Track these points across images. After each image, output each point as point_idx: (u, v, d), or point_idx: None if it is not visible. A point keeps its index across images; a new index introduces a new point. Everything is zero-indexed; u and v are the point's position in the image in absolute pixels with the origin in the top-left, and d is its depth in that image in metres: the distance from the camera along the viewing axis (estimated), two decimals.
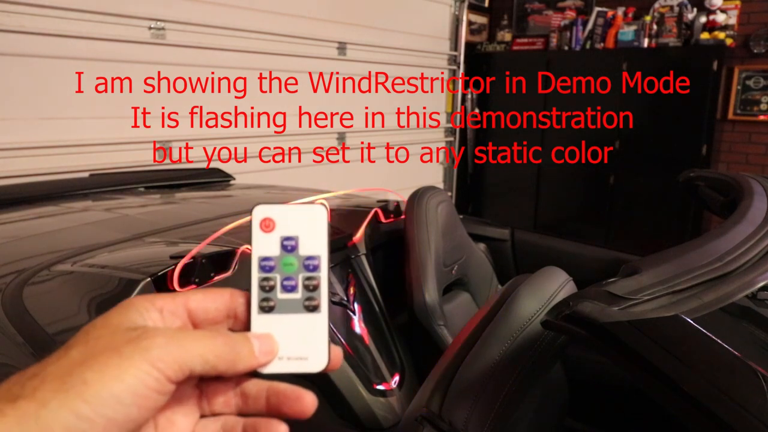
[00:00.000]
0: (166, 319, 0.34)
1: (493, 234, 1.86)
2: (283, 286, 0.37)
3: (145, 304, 0.34)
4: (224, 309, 0.36)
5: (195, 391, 0.36)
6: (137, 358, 0.30)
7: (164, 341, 0.31)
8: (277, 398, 0.35)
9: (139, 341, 0.30)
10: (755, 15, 3.89)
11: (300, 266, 0.37)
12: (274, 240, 0.37)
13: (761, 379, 0.55)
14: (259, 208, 0.37)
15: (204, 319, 0.36)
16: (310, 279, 0.37)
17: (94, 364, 0.29)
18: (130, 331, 0.31)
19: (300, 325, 0.37)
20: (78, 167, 2.25)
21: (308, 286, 0.37)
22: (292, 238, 0.37)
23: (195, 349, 0.32)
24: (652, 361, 0.58)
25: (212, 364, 0.32)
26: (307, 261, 0.37)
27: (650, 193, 4.10)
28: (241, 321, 0.37)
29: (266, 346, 0.35)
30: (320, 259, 0.37)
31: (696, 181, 1.56)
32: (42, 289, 0.98)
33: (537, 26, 4.62)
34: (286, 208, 0.38)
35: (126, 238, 1.23)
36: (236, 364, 0.33)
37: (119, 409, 0.29)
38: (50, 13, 2.16)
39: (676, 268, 0.76)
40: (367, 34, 3.61)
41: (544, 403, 1.07)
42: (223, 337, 0.34)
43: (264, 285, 0.37)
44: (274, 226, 0.37)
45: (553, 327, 0.66)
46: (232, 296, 0.37)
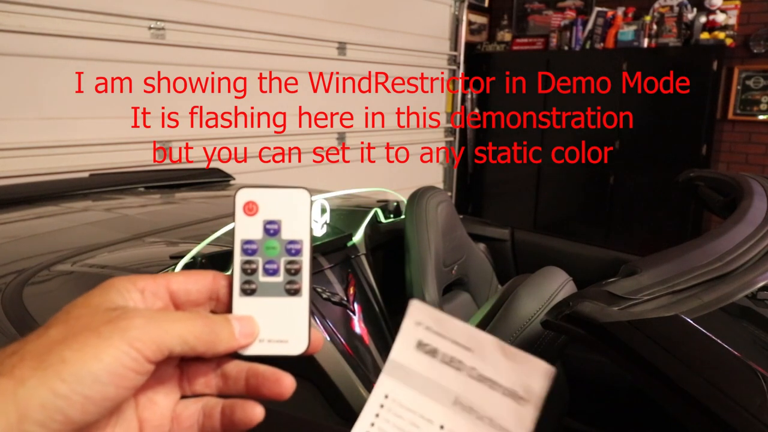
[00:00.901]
0: (147, 300, 0.34)
1: (493, 234, 1.86)
2: (265, 270, 0.37)
3: (127, 285, 0.34)
4: (206, 291, 0.36)
5: (176, 372, 0.36)
6: (116, 338, 0.30)
7: (143, 322, 0.31)
8: (257, 380, 0.35)
9: (118, 321, 0.31)
10: (755, 15, 3.89)
11: (282, 250, 0.37)
12: (257, 223, 0.37)
13: (761, 379, 0.55)
14: (243, 191, 0.38)
15: (186, 300, 0.36)
16: (292, 263, 0.37)
17: (73, 343, 0.30)
18: (109, 311, 0.32)
19: (281, 309, 0.37)
20: (78, 167, 2.25)
21: (290, 269, 0.37)
22: (274, 221, 0.37)
23: (174, 330, 0.32)
24: (652, 361, 0.58)
25: (191, 344, 0.32)
26: (290, 245, 0.37)
27: (650, 193, 4.09)
28: (223, 303, 0.37)
29: (247, 329, 0.36)
30: (302, 243, 0.37)
31: (696, 181, 1.55)
32: (42, 289, 0.98)
33: (537, 26, 4.62)
34: (270, 191, 0.38)
35: (126, 238, 1.23)
36: (216, 345, 0.34)
37: (96, 388, 0.29)
38: (50, 13, 2.16)
39: (676, 268, 0.76)
40: (367, 34, 3.61)
41: (544, 403, 1.07)
42: (203, 319, 0.34)
43: (246, 268, 0.37)
44: (257, 209, 0.37)
45: (553, 327, 0.66)
46: (214, 278, 0.37)
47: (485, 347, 0.34)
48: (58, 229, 1.37)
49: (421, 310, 0.35)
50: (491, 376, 0.33)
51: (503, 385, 0.33)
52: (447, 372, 0.34)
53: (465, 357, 0.34)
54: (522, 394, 0.33)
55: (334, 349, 1.27)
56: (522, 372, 0.33)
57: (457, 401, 0.34)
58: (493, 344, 0.34)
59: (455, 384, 0.34)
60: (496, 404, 0.33)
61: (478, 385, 0.34)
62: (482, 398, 0.33)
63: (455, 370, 0.34)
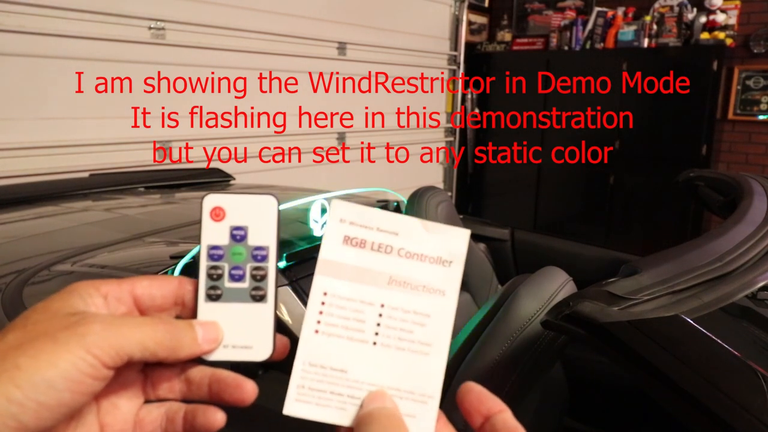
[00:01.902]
0: (110, 305, 0.34)
1: (493, 234, 1.85)
2: (230, 275, 0.37)
3: (89, 290, 0.34)
4: (171, 296, 0.36)
5: (140, 376, 0.36)
6: (72, 344, 0.30)
7: (101, 327, 0.31)
8: (219, 385, 0.35)
9: (76, 327, 0.30)
10: (755, 15, 3.89)
11: (248, 256, 0.37)
12: (224, 229, 0.37)
13: (761, 379, 0.55)
14: (210, 197, 0.38)
15: (150, 305, 0.36)
16: (258, 269, 0.37)
17: (29, 349, 0.29)
18: (69, 316, 0.31)
19: (246, 314, 0.37)
20: (78, 167, 2.25)
21: (256, 275, 0.37)
22: (241, 227, 0.38)
23: (133, 336, 0.31)
24: (652, 361, 0.58)
25: (152, 350, 0.32)
26: (256, 251, 0.37)
27: (650, 193, 4.09)
28: (188, 309, 0.37)
29: (210, 334, 0.35)
30: (269, 250, 0.38)
31: (696, 181, 1.55)
32: (42, 289, 0.98)
33: (537, 26, 4.62)
34: (237, 197, 0.38)
35: (126, 238, 1.23)
36: (178, 351, 0.34)
37: (51, 394, 0.29)
38: (50, 13, 2.16)
39: (676, 268, 0.76)
40: (367, 34, 3.61)
41: (544, 404, 1.07)
42: (165, 324, 0.33)
43: (212, 273, 0.37)
44: (224, 215, 0.38)
45: (553, 327, 0.66)
46: (180, 283, 0.37)
47: (409, 228, 0.37)
48: (58, 229, 1.37)
49: (343, 207, 0.37)
50: (419, 251, 0.37)
51: (430, 255, 0.37)
52: (378, 257, 0.37)
53: (392, 240, 0.37)
54: (446, 257, 0.37)
55: None
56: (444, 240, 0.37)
57: (392, 280, 0.37)
58: (416, 223, 0.37)
59: (387, 266, 0.37)
60: (426, 272, 0.37)
61: (408, 261, 0.37)
62: (414, 271, 0.37)
63: (385, 254, 0.37)
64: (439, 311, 0.37)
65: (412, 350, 0.36)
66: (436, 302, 0.37)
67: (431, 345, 0.36)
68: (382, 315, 0.36)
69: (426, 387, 0.36)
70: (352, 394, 0.36)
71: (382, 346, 0.36)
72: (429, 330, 0.36)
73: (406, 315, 0.36)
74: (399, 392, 0.36)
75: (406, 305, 0.37)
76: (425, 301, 0.37)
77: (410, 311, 0.37)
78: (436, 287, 0.37)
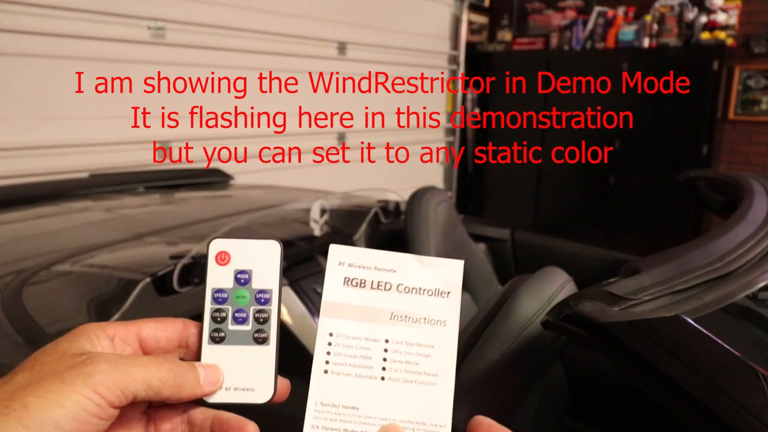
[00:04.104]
0: (116, 346, 0.35)
1: (493, 234, 1.85)
2: (234, 318, 0.38)
3: (96, 332, 0.35)
4: (176, 339, 0.38)
5: (143, 417, 0.36)
6: (79, 384, 0.30)
7: (108, 366, 0.32)
8: (221, 427, 0.36)
9: (82, 367, 0.31)
10: (756, 15, 3.89)
11: (252, 299, 0.38)
12: (229, 273, 0.39)
13: (761, 379, 0.55)
14: (216, 242, 0.39)
15: (155, 348, 0.37)
16: (261, 312, 0.38)
17: (37, 389, 0.30)
18: (76, 356, 0.32)
19: (249, 357, 0.38)
20: (78, 167, 2.25)
21: (259, 318, 0.38)
22: (245, 271, 0.39)
23: (139, 375, 0.32)
24: (652, 361, 0.58)
25: (156, 389, 0.33)
26: (259, 294, 0.39)
27: (650, 193, 4.09)
28: (192, 351, 0.38)
29: (212, 376, 0.36)
30: (272, 293, 0.39)
31: (696, 181, 1.55)
32: (42, 289, 0.98)
33: (537, 26, 4.62)
34: (242, 242, 0.39)
35: (126, 238, 1.23)
36: (181, 391, 0.34)
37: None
38: (50, 13, 2.16)
39: (676, 269, 0.76)
40: (367, 34, 3.61)
41: (544, 404, 1.07)
42: (169, 364, 0.34)
43: (216, 316, 0.38)
44: (229, 259, 0.39)
45: (553, 327, 0.66)
46: (184, 326, 0.38)
47: (405, 264, 0.39)
48: (58, 229, 1.37)
49: (340, 251, 0.39)
50: (417, 285, 0.39)
51: (428, 288, 0.39)
52: (378, 295, 0.38)
53: (390, 277, 0.39)
54: (444, 288, 0.39)
55: None
56: (439, 273, 0.39)
57: (394, 315, 0.38)
58: (411, 260, 0.39)
59: (388, 302, 0.38)
60: (426, 305, 0.39)
61: (408, 296, 0.39)
62: (414, 305, 0.38)
63: (385, 291, 0.39)
64: (442, 341, 0.38)
65: (420, 382, 0.37)
66: (438, 333, 0.38)
67: (437, 375, 0.38)
68: (388, 350, 0.38)
69: (437, 416, 0.37)
70: (366, 430, 0.36)
71: (390, 380, 0.37)
72: (434, 361, 0.38)
73: (410, 348, 0.38)
74: (412, 424, 0.37)
75: (409, 339, 0.38)
76: (428, 332, 0.38)
77: (414, 344, 0.38)
78: (437, 318, 0.38)
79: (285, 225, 1.49)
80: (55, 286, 1.00)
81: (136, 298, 0.96)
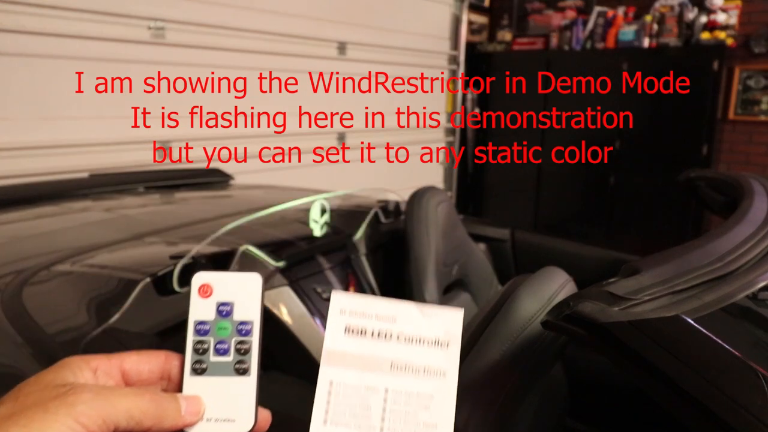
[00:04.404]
0: (99, 378, 0.36)
1: (493, 234, 1.85)
2: (216, 350, 0.39)
3: (80, 364, 0.35)
4: (158, 371, 0.38)
5: None
6: (62, 413, 0.31)
7: (90, 397, 0.32)
8: None
9: (65, 397, 0.32)
10: (756, 15, 3.89)
11: (233, 330, 0.39)
12: (211, 305, 0.39)
13: (761, 379, 0.55)
14: (199, 275, 0.40)
15: (137, 380, 0.37)
16: (242, 343, 0.39)
17: (20, 419, 0.31)
18: (59, 387, 0.33)
19: (230, 388, 0.38)
20: (78, 167, 2.25)
21: (240, 349, 0.39)
22: (227, 303, 0.39)
23: (120, 405, 0.33)
24: (653, 361, 0.58)
25: (137, 419, 0.34)
26: (241, 326, 0.39)
27: (650, 193, 4.09)
28: (174, 383, 0.38)
29: (193, 407, 0.37)
30: (253, 324, 0.39)
31: (696, 181, 1.55)
32: (42, 289, 0.98)
33: (537, 26, 4.62)
34: (224, 275, 0.40)
35: (126, 238, 1.23)
36: (162, 421, 0.35)
37: None
38: (50, 13, 2.16)
39: (676, 269, 0.76)
40: (367, 34, 3.61)
41: (544, 404, 1.07)
42: (150, 395, 0.35)
43: (198, 348, 0.39)
44: (211, 291, 0.40)
45: (553, 327, 0.66)
46: (167, 358, 0.38)
47: (406, 313, 0.39)
48: (58, 229, 1.37)
49: (342, 299, 0.39)
50: (417, 335, 0.39)
51: (428, 338, 0.39)
52: (379, 344, 0.39)
53: (391, 327, 0.39)
54: (444, 338, 0.39)
55: None
56: (439, 322, 0.39)
57: (394, 365, 0.38)
58: (412, 308, 0.39)
59: (388, 352, 0.39)
60: (426, 355, 0.39)
61: (408, 346, 0.39)
62: (414, 355, 0.39)
63: (385, 340, 0.39)
64: (442, 392, 0.38)
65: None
66: (437, 384, 0.38)
67: (436, 426, 0.38)
68: (387, 400, 0.38)
69: None
70: None
71: (389, 431, 0.37)
72: (433, 411, 0.38)
73: (409, 398, 0.38)
74: None
75: (409, 389, 0.38)
76: (427, 383, 0.38)
77: (413, 394, 0.38)
78: (437, 369, 0.39)
79: (285, 225, 1.49)
80: (55, 286, 1.00)
81: (136, 298, 0.96)
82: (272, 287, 1.23)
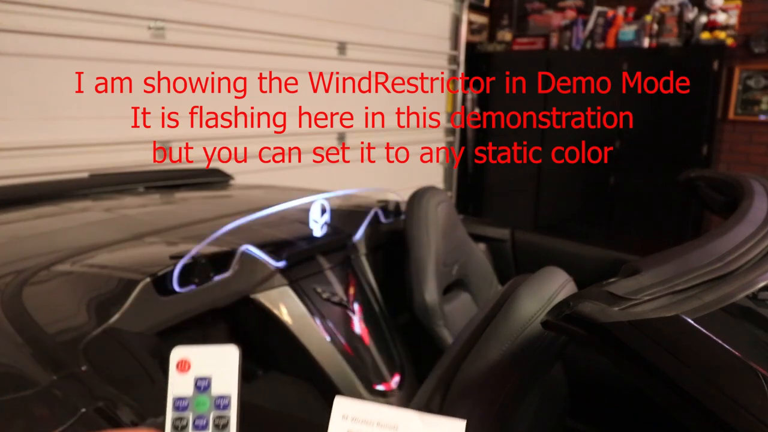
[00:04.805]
0: None
1: (493, 234, 1.85)
2: (194, 425, 0.39)
3: None
4: None
5: None
6: None
7: None
8: None
9: None
10: (756, 15, 3.89)
11: (211, 405, 0.40)
12: (189, 380, 0.40)
13: (761, 379, 0.55)
14: (177, 350, 0.40)
15: None
16: (221, 417, 0.40)
17: None
18: None
19: None
20: (78, 167, 2.25)
21: (218, 424, 0.40)
22: (205, 378, 0.40)
23: None
24: (653, 361, 0.58)
25: None
26: (218, 400, 0.40)
27: (650, 193, 4.09)
28: None
29: None
30: (230, 398, 0.40)
31: (696, 181, 1.55)
32: (42, 289, 0.98)
33: (537, 26, 4.62)
34: (202, 349, 0.41)
35: (126, 238, 1.23)
36: None
37: None
38: (50, 13, 2.16)
39: (676, 269, 0.76)
40: (367, 34, 3.61)
41: (544, 404, 1.07)
42: None
43: (177, 424, 0.39)
44: (189, 366, 0.40)
45: (553, 327, 0.66)
46: None
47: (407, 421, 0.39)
48: (58, 229, 1.37)
49: (345, 404, 0.40)
50: None
51: None
52: None
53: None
54: None
55: (334, 349, 1.27)
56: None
57: None
58: (413, 417, 0.39)
59: None
60: None
61: None
62: None
63: None
64: None
65: None
66: None
67: None
68: None
69: None
70: None
71: None
72: None
73: None
74: None
75: None
76: None
77: None
78: None
79: (285, 225, 1.49)
80: (55, 286, 1.00)
81: (136, 298, 0.96)
82: (272, 287, 1.23)
